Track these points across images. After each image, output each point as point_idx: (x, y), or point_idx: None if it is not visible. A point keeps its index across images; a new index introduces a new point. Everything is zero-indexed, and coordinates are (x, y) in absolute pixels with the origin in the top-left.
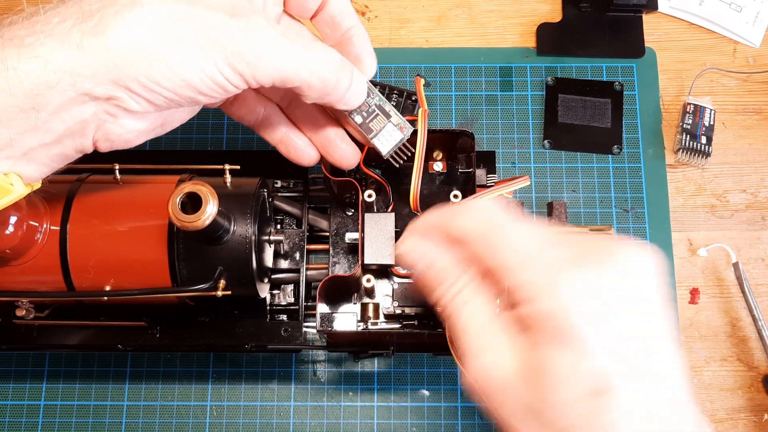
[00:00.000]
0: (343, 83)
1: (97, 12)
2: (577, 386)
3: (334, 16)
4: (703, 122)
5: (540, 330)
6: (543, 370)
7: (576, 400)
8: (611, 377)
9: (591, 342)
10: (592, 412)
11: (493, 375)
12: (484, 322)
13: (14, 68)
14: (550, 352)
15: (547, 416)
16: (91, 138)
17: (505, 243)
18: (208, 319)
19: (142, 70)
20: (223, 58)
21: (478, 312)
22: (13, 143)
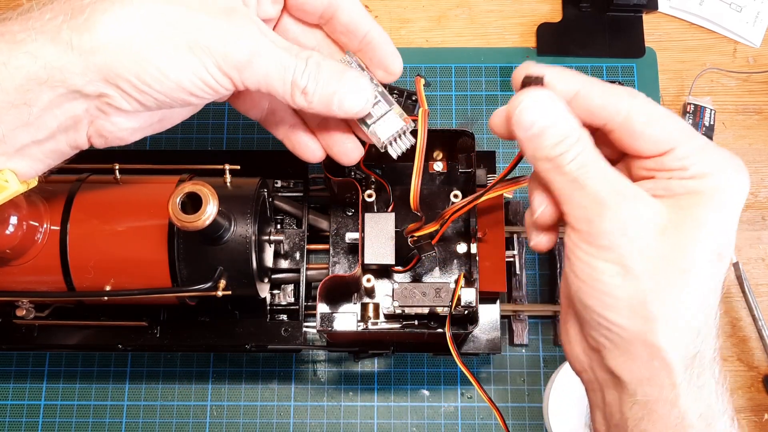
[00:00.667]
0: (337, 97)
1: (86, 7)
2: (714, 247)
3: (347, 24)
4: (704, 122)
5: (704, 197)
6: (696, 228)
7: (710, 259)
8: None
9: (733, 223)
10: (716, 272)
11: (649, 218)
12: (619, 176)
13: (5, 64)
14: (709, 213)
15: (681, 267)
16: (85, 134)
17: (662, 113)
18: (209, 319)
19: (132, 70)
20: (212, 60)
21: (608, 167)
22: (6, 139)
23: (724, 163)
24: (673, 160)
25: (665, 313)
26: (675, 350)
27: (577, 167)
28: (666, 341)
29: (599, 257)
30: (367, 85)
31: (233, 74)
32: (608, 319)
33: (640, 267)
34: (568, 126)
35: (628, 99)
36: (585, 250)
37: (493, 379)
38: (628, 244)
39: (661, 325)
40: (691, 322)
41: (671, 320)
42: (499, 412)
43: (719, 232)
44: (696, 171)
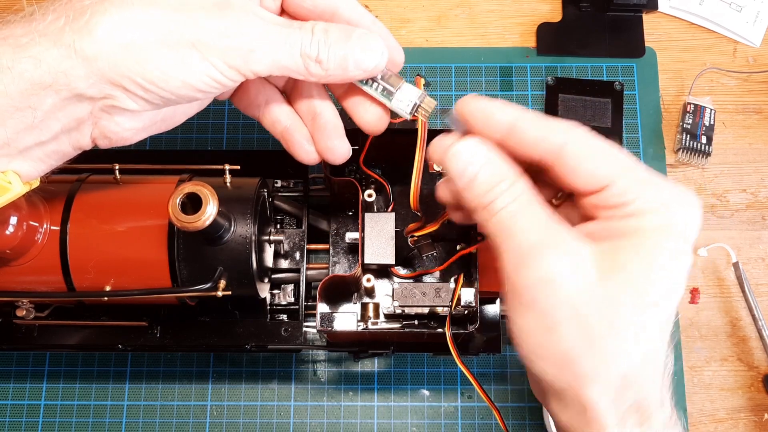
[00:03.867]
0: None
1: (87, 9)
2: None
3: (348, 22)
4: (703, 122)
5: (641, 238)
6: (625, 276)
7: (642, 309)
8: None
9: (686, 266)
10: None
11: (573, 270)
12: (550, 222)
13: (9, 68)
14: (642, 258)
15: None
16: (89, 135)
17: (599, 147)
18: (209, 319)
19: (136, 70)
20: (216, 55)
21: (541, 212)
22: (10, 142)
23: (669, 197)
24: (611, 195)
25: (592, 367)
26: (604, 403)
27: (507, 216)
28: (593, 395)
29: (524, 312)
30: (377, 40)
31: (240, 65)
32: (541, 372)
33: (564, 323)
34: (498, 171)
35: (563, 133)
36: (512, 304)
37: (493, 379)
38: (549, 300)
39: (588, 380)
40: (621, 375)
41: (598, 376)
42: (499, 413)
43: (653, 278)
44: (635, 207)
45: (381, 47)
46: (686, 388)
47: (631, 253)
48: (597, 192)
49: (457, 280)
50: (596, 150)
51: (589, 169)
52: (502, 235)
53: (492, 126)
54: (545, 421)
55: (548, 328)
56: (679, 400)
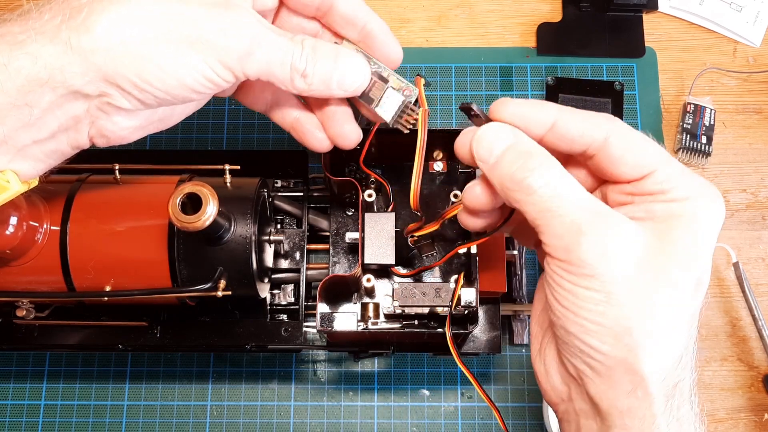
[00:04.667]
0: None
1: (84, 7)
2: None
3: (345, 15)
4: (704, 122)
5: (684, 220)
6: (678, 253)
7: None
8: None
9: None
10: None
11: (629, 244)
12: (598, 202)
13: (5, 65)
14: (690, 237)
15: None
16: (86, 134)
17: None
18: (209, 319)
19: (132, 69)
20: (213, 54)
21: (581, 187)
22: (8, 140)
23: (702, 189)
24: (653, 183)
25: (650, 340)
26: (658, 379)
27: (549, 192)
28: (650, 369)
29: (581, 285)
30: (362, 62)
31: (235, 66)
32: (592, 346)
33: (624, 294)
34: (529, 144)
35: (606, 125)
36: (566, 278)
37: (493, 379)
38: (610, 271)
39: (645, 352)
40: (674, 349)
41: (656, 348)
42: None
43: (699, 257)
44: (676, 195)
45: (365, 70)
46: None
47: (680, 232)
48: (638, 180)
49: (457, 280)
50: (638, 141)
51: (632, 159)
52: (548, 210)
53: (532, 127)
54: (545, 421)
55: (608, 299)
56: None
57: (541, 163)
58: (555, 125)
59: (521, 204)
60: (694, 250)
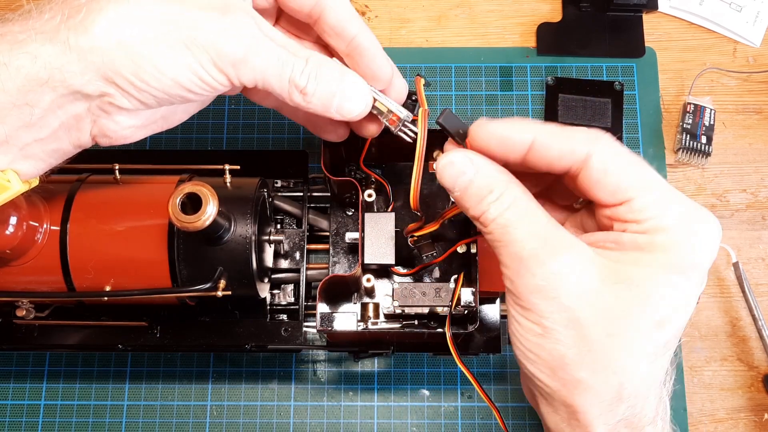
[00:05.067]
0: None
1: (83, 6)
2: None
3: (334, 25)
4: (703, 122)
5: (652, 255)
6: (632, 291)
7: (646, 326)
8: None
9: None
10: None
11: (574, 277)
12: (549, 228)
13: (6, 64)
14: (652, 275)
15: (607, 332)
16: (88, 133)
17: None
18: (209, 319)
19: (129, 68)
20: (207, 56)
21: (538, 219)
22: (9, 139)
23: (689, 218)
24: (628, 211)
25: (585, 378)
26: (594, 414)
27: (502, 224)
28: (584, 406)
29: (523, 315)
30: (366, 89)
31: (229, 71)
32: (532, 373)
33: (561, 329)
34: (488, 181)
35: (587, 145)
36: (512, 306)
37: (493, 379)
38: (546, 305)
39: (580, 389)
40: (615, 389)
41: (591, 386)
42: (499, 413)
43: (661, 297)
44: (650, 225)
45: (367, 98)
46: (686, 388)
47: (639, 266)
48: (616, 206)
49: (457, 280)
50: (620, 163)
51: (611, 184)
52: (499, 244)
53: (511, 148)
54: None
55: (544, 332)
56: (679, 400)
57: (499, 194)
58: (534, 145)
59: (481, 230)
60: (654, 290)
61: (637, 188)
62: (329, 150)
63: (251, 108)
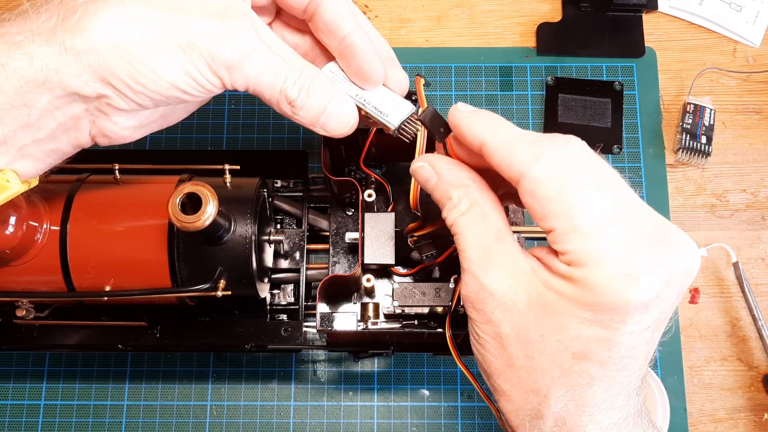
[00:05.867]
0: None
1: (79, 8)
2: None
3: (328, 22)
4: (703, 122)
5: (578, 289)
6: (564, 312)
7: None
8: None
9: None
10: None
11: (500, 293)
12: (495, 240)
13: (3, 65)
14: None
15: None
16: (87, 133)
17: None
18: (208, 319)
19: (125, 70)
20: (202, 59)
21: (488, 229)
22: (7, 140)
23: (622, 254)
24: (553, 240)
25: (507, 389)
26: (519, 425)
27: (457, 229)
28: (509, 414)
29: (468, 312)
30: (353, 108)
31: (223, 74)
32: (481, 370)
33: (489, 340)
34: (445, 188)
35: (521, 165)
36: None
37: None
38: (479, 316)
39: (504, 398)
40: (534, 407)
41: (512, 398)
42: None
43: (576, 332)
44: (572, 258)
45: (353, 119)
46: (686, 388)
47: (560, 295)
48: (547, 231)
49: (457, 280)
50: (550, 189)
51: (537, 209)
52: (458, 245)
53: (467, 141)
54: None
55: (477, 339)
56: (679, 400)
57: (457, 201)
58: (482, 147)
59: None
60: (568, 322)
61: (560, 218)
62: (329, 150)
63: (251, 108)
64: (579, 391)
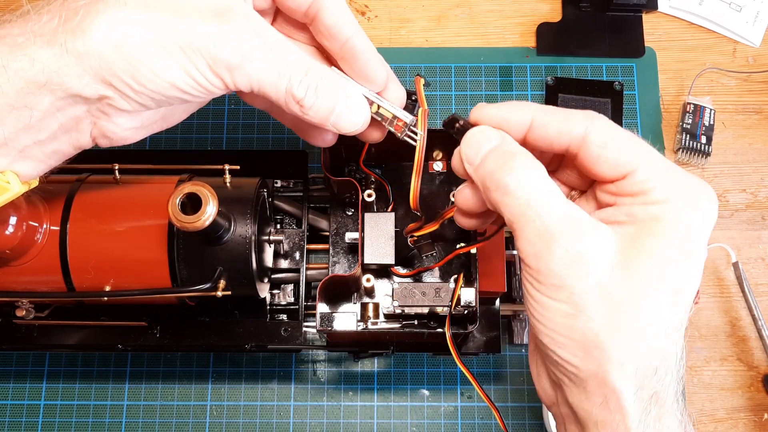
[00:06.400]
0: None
1: (80, 9)
2: (672, 282)
3: (329, 27)
4: (703, 122)
5: (663, 224)
6: (652, 261)
7: (668, 295)
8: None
9: (704, 257)
10: (677, 308)
11: (602, 254)
12: (570, 202)
13: (5, 67)
14: (666, 244)
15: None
16: (88, 134)
17: (621, 136)
18: (208, 319)
19: (126, 72)
20: (203, 60)
21: (560, 192)
22: (8, 141)
23: (688, 190)
24: (632, 184)
25: (621, 353)
26: (630, 392)
27: (524, 195)
28: (620, 382)
29: (550, 296)
30: (365, 104)
31: (224, 75)
32: (563, 358)
33: (592, 306)
34: (513, 146)
35: (584, 122)
36: (537, 287)
37: (492, 379)
38: (579, 282)
39: (614, 365)
40: (647, 361)
41: (626, 361)
42: (499, 413)
43: (678, 264)
44: (656, 196)
45: (366, 114)
46: (686, 388)
47: (658, 238)
48: (619, 180)
49: (457, 280)
50: (618, 138)
51: (611, 158)
52: (522, 214)
53: (512, 128)
54: (545, 421)
55: (576, 311)
56: None
57: (521, 164)
58: (533, 125)
59: (499, 205)
60: (673, 257)
61: (637, 161)
62: (329, 150)
63: (251, 108)
64: (677, 335)
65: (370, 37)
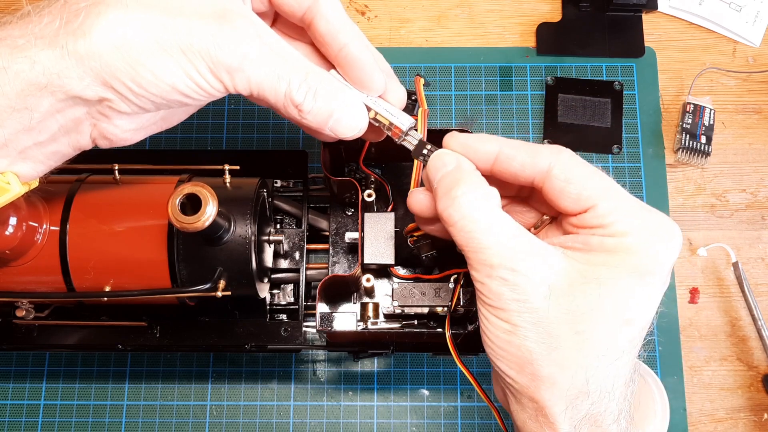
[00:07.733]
0: (333, 119)
1: (81, 11)
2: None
3: (324, 33)
4: (703, 122)
5: (617, 256)
6: (600, 290)
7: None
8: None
9: (661, 290)
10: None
11: (540, 280)
12: (519, 229)
13: (5, 68)
14: (618, 275)
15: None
16: (88, 136)
17: (584, 172)
18: (208, 319)
19: (127, 74)
20: (203, 63)
21: (509, 218)
22: (8, 143)
23: (652, 224)
24: (593, 217)
25: (550, 374)
26: (559, 409)
27: (475, 216)
28: (548, 399)
29: (493, 313)
30: (363, 110)
31: (225, 78)
32: (501, 370)
33: (528, 326)
34: (467, 170)
35: (549, 157)
36: (482, 305)
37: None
38: (515, 305)
39: (545, 383)
40: (579, 384)
41: (556, 381)
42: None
43: (627, 295)
44: (615, 229)
45: (363, 120)
46: (686, 388)
47: (608, 267)
48: (581, 213)
49: (456, 280)
50: (581, 174)
51: (573, 192)
52: (466, 245)
53: (478, 158)
54: None
55: (513, 330)
56: (679, 400)
57: (478, 185)
58: (498, 157)
59: (450, 223)
60: (622, 287)
61: (599, 195)
62: (329, 150)
63: (251, 108)
64: (622, 360)
65: (369, 38)
